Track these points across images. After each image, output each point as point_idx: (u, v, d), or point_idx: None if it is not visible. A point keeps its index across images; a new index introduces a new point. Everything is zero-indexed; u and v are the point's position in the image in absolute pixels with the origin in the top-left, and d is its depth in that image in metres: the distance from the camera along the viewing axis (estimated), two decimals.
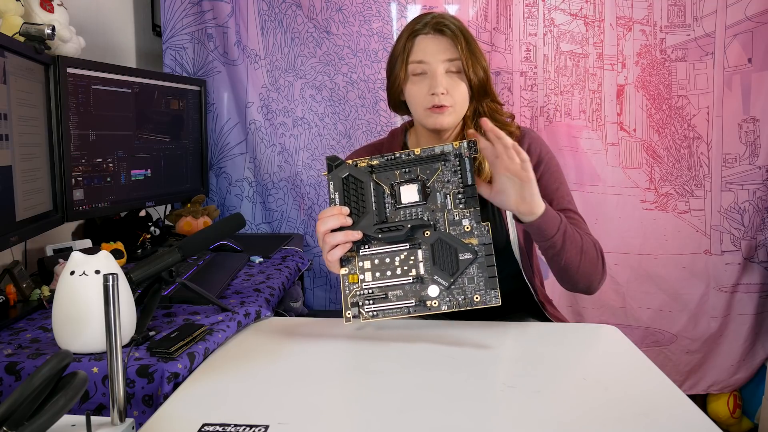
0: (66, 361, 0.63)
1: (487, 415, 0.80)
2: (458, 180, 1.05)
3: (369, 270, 1.04)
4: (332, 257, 1.04)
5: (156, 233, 1.88)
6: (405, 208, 1.05)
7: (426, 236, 1.03)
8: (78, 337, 0.95)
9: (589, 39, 2.12)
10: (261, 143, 2.18)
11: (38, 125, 1.40)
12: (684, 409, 0.81)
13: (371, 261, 1.04)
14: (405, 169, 1.06)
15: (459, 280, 1.02)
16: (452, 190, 1.05)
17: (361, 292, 1.04)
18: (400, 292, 1.03)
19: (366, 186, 1.05)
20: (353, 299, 1.04)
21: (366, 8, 2.15)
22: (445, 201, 1.05)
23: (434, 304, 1.02)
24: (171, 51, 2.15)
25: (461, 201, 1.04)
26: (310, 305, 2.24)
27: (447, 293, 1.02)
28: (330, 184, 1.06)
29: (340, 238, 1.03)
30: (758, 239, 2.13)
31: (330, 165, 1.07)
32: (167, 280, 1.15)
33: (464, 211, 1.04)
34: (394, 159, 1.06)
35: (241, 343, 1.07)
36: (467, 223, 1.03)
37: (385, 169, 1.06)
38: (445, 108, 1.21)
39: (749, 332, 2.16)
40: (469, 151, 1.06)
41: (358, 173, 1.06)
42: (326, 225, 1.03)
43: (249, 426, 0.75)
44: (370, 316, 1.03)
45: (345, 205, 1.05)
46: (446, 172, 1.06)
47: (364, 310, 1.03)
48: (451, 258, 1.02)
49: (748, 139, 2.10)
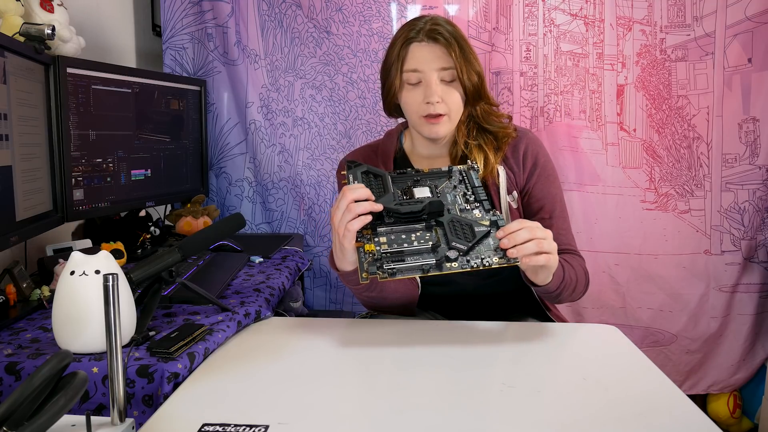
0: (66, 361, 0.63)
1: (487, 415, 0.80)
2: (465, 186, 1.12)
3: (385, 243, 1.03)
4: (353, 227, 1.01)
5: (156, 233, 1.88)
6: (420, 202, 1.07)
7: (440, 219, 1.05)
8: (78, 337, 0.95)
9: (589, 39, 2.12)
10: (261, 143, 2.18)
11: (38, 125, 1.40)
12: (684, 409, 0.81)
13: (387, 237, 1.04)
14: (416, 179, 1.14)
15: (475, 248, 1.00)
16: (461, 191, 1.12)
17: (380, 255, 1.01)
18: (418, 256, 1.01)
19: (385, 178, 1.11)
20: (370, 264, 1.00)
21: (366, 8, 2.15)
22: (455, 199, 1.10)
23: (454, 265, 0.99)
24: (171, 51, 2.15)
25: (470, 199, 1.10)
26: (310, 305, 2.24)
27: (464, 257, 1.00)
28: (349, 176, 1.11)
29: (366, 206, 1.01)
30: (758, 239, 2.13)
31: (350, 165, 1.13)
32: (167, 280, 1.15)
33: (473, 204, 1.09)
34: (405, 173, 1.15)
35: (241, 343, 1.07)
36: (478, 212, 1.08)
37: (396, 179, 1.14)
38: (441, 117, 1.21)
39: (749, 332, 2.16)
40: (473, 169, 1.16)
41: (375, 170, 1.13)
42: (355, 193, 1.02)
43: (249, 426, 0.75)
44: (389, 274, 0.98)
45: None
46: (453, 181, 1.14)
47: (384, 267, 0.99)
48: (467, 231, 1.02)
49: (748, 139, 2.10)
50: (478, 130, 1.29)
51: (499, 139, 1.28)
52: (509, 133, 1.28)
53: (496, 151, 1.27)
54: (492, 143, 1.27)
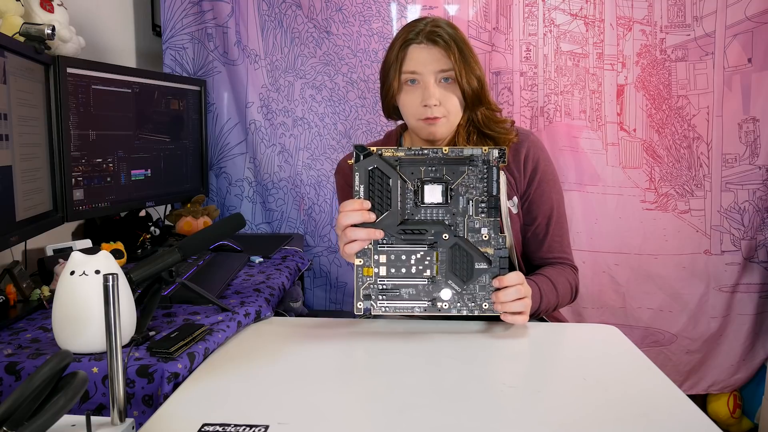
0: (66, 361, 0.63)
1: (488, 415, 0.79)
2: (483, 187, 1.05)
3: (384, 264, 1.04)
4: (350, 250, 1.03)
5: (156, 233, 1.88)
6: (427, 208, 1.05)
7: (444, 239, 1.04)
8: (78, 337, 0.95)
9: (589, 39, 2.12)
10: (261, 143, 2.18)
11: (38, 125, 1.39)
12: (684, 409, 0.81)
13: (387, 256, 1.04)
14: (431, 167, 1.05)
15: (471, 287, 1.04)
16: (476, 197, 1.05)
17: (375, 285, 1.04)
18: (413, 291, 1.04)
19: (392, 181, 1.05)
20: (366, 291, 1.04)
21: (366, 8, 2.14)
22: (467, 206, 1.05)
23: (445, 307, 1.03)
24: (171, 51, 2.15)
25: (483, 210, 1.05)
26: (310, 305, 2.24)
27: (458, 298, 1.04)
28: (356, 175, 1.04)
29: (362, 234, 1.02)
30: (758, 239, 2.13)
31: (357, 154, 1.05)
32: (167, 280, 1.15)
33: (485, 220, 1.05)
34: (421, 154, 1.05)
35: (241, 343, 1.07)
36: (486, 232, 1.05)
37: (411, 164, 1.05)
38: (438, 119, 1.21)
39: (749, 332, 2.16)
40: (498, 160, 1.05)
41: (384, 168, 1.05)
42: (349, 219, 1.02)
43: (249, 426, 0.75)
44: (382, 311, 1.03)
45: (368, 199, 1.04)
46: (472, 177, 1.05)
47: (376, 305, 1.03)
48: (467, 264, 1.04)
49: (748, 139, 2.10)
50: (479, 135, 1.28)
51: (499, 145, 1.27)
52: (510, 138, 1.27)
53: None
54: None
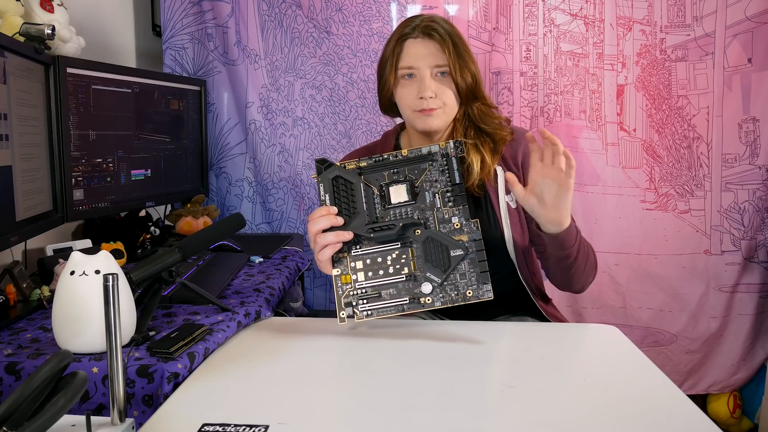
0: (66, 361, 0.63)
1: (487, 415, 0.80)
2: (446, 179, 1.06)
3: (361, 270, 1.04)
4: (323, 257, 1.04)
5: (156, 233, 1.87)
6: (395, 208, 1.05)
7: (417, 235, 1.04)
8: (78, 337, 0.95)
9: (589, 39, 2.12)
10: (261, 143, 2.18)
11: (38, 125, 1.39)
12: (684, 409, 0.81)
13: (363, 261, 1.04)
14: (393, 170, 1.07)
15: (451, 276, 1.02)
16: (440, 189, 1.06)
17: (355, 292, 1.04)
18: (394, 291, 1.03)
19: (356, 187, 1.06)
20: (347, 299, 1.04)
21: (366, 8, 2.15)
22: (434, 200, 1.06)
23: (428, 301, 1.02)
24: (171, 51, 2.15)
25: (450, 199, 1.05)
26: (310, 305, 2.24)
27: (440, 289, 1.02)
28: (320, 186, 1.07)
29: (331, 238, 1.03)
30: (758, 239, 2.13)
31: (319, 167, 1.08)
32: (167, 280, 1.15)
33: (453, 209, 1.05)
34: (382, 160, 1.08)
35: (241, 343, 1.07)
36: (456, 220, 1.04)
37: (374, 171, 1.07)
38: (434, 110, 1.21)
39: (749, 332, 2.16)
40: (456, 150, 1.07)
41: (347, 174, 1.07)
42: (317, 225, 1.03)
43: (249, 426, 0.75)
44: (365, 316, 1.03)
45: (335, 206, 1.05)
46: (434, 172, 1.07)
47: (358, 310, 1.03)
48: (443, 255, 1.02)
49: (748, 139, 2.10)
50: (476, 131, 1.28)
51: (495, 142, 1.27)
52: (504, 135, 1.27)
53: (492, 153, 1.26)
54: (489, 144, 1.26)
